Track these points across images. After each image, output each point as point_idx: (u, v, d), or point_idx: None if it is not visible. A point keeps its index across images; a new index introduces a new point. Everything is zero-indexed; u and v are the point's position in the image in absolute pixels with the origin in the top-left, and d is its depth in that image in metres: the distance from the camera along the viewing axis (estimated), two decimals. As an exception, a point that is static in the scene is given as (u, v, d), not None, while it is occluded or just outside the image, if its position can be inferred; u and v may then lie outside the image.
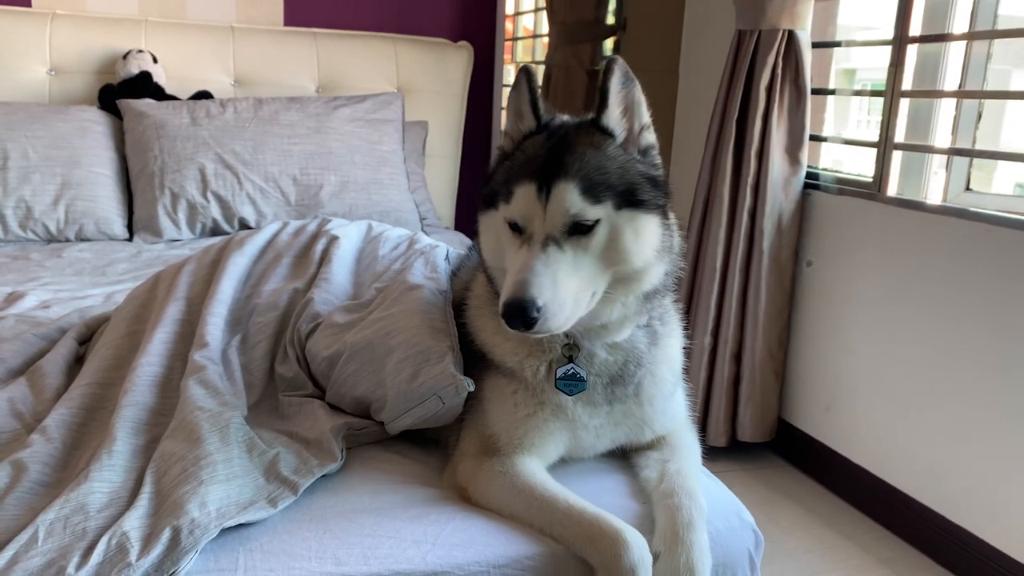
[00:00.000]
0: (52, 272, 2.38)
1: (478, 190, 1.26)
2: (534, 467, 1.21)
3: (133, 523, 1.01)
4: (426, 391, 1.23)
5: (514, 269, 1.11)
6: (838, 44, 2.61)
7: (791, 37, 2.43)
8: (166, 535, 0.99)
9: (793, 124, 2.49)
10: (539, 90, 1.24)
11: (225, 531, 1.04)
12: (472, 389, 1.23)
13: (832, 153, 2.77)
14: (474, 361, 1.28)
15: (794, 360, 2.64)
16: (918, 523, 2.18)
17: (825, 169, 2.62)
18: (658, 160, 1.23)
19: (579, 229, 1.12)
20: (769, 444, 2.70)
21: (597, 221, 1.12)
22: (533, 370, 1.24)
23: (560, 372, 1.22)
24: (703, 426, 2.65)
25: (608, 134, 1.19)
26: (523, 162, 1.17)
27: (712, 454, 2.45)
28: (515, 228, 1.15)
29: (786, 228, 2.53)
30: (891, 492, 2.26)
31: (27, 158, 2.74)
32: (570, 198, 1.11)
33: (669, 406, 1.35)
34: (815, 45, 2.49)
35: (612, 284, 1.16)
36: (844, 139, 2.59)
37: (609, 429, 1.29)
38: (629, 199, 1.15)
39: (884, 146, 2.31)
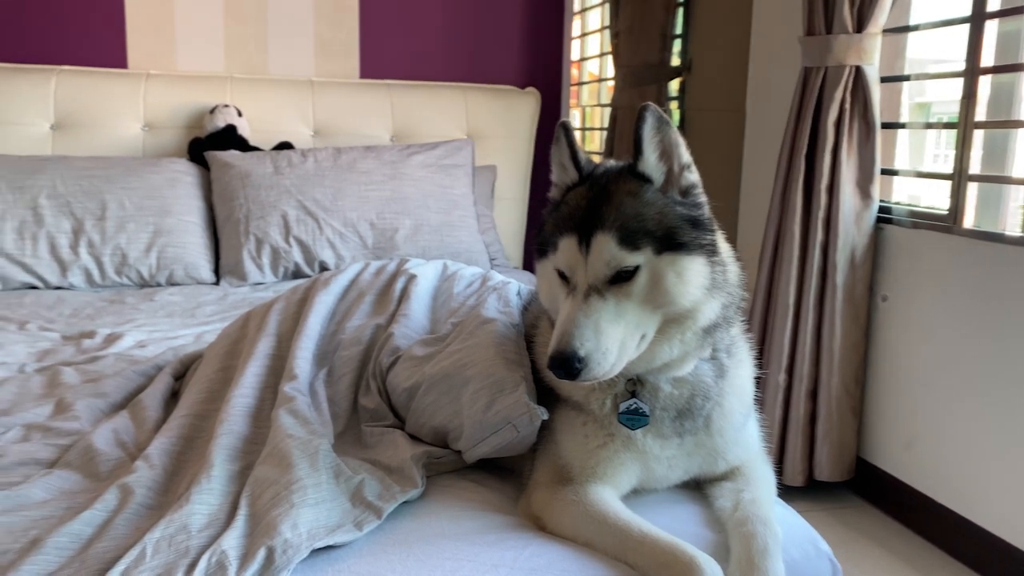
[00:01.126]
0: (146, 314, 2.51)
1: (535, 238, 1.31)
2: (607, 496, 1.23)
3: (231, 542, 1.07)
4: (501, 420, 1.27)
5: (560, 320, 1.15)
6: (907, 78, 2.60)
7: (858, 73, 2.44)
8: (261, 554, 1.05)
9: (863, 158, 2.48)
10: (577, 143, 1.28)
11: (314, 552, 1.09)
12: (546, 417, 1.27)
13: (907, 188, 2.74)
14: (545, 392, 1.32)
15: (872, 397, 2.59)
16: (1008, 566, 2.10)
17: (898, 203, 2.59)
18: (701, 199, 1.24)
19: (620, 277, 1.15)
20: (848, 483, 2.64)
21: (637, 268, 1.15)
22: (599, 404, 1.26)
23: (623, 407, 1.25)
24: (779, 465, 2.61)
25: (646, 179, 1.21)
26: (566, 215, 1.22)
27: (789, 494, 2.41)
28: (563, 276, 1.20)
29: (859, 263, 2.51)
30: (978, 533, 2.19)
31: (123, 208, 2.91)
32: (608, 249, 1.15)
33: (742, 436, 1.35)
34: (884, 80, 2.49)
35: (665, 324, 1.18)
36: (917, 172, 2.57)
37: (682, 460, 1.30)
38: (669, 243, 1.16)
39: (959, 178, 2.29)
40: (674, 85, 3.59)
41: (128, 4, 3.41)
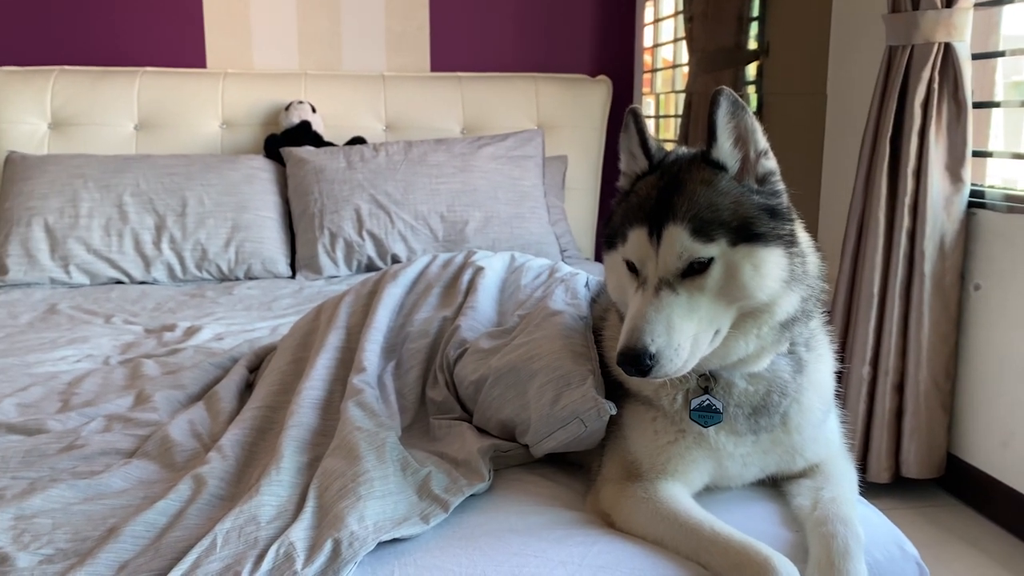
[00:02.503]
0: (224, 308, 2.57)
1: (604, 228, 1.28)
2: (678, 493, 1.20)
3: (299, 534, 1.08)
4: (568, 414, 1.24)
5: (629, 315, 1.11)
6: (1001, 54, 2.46)
7: (948, 50, 2.32)
8: (328, 546, 1.05)
9: (953, 140, 2.36)
10: (647, 130, 1.24)
11: (381, 545, 1.09)
12: (614, 412, 1.23)
13: (1002, 171, 2.60)
14: (613, 388, 1.29)
15: (963, 391, 2.47)
16: (1116, 570, 1.97)
17: (992, 186, 2.46)
18: (779, 187, 1.18)
19: (693, 269, 1.10)
20: (938, 481, 2.53)
21: (711, 260, 1.10)
22: (670, 399, 1.22)
23: (695, 404, 1.20)
24: (863, 461, 2.51)
25: (720, 167, 1.16)
26: (636, 205, 1.17)
27: (874, 491, 2.32)
28: (632, 268, 1.15)
29: (949, 250, 2.38)
30: (1082, 535, 2.06)
31: (203, 204, 2.99)
32: (680, 241, 1.10)
33: (821, 433, 1.29)
34: (975, 56, 2.36)
35: (741, 318, 1.13)
36: (1014, 153, 2.43)
37: (758, 457, 1.25)
38: (745, 234, 1.11)
39: (1059, 159, 2.15)
40: (751, 69, 3.49)
41: (206, 5, 3.50)
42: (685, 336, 1.09)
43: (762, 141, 1.17)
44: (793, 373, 1.22)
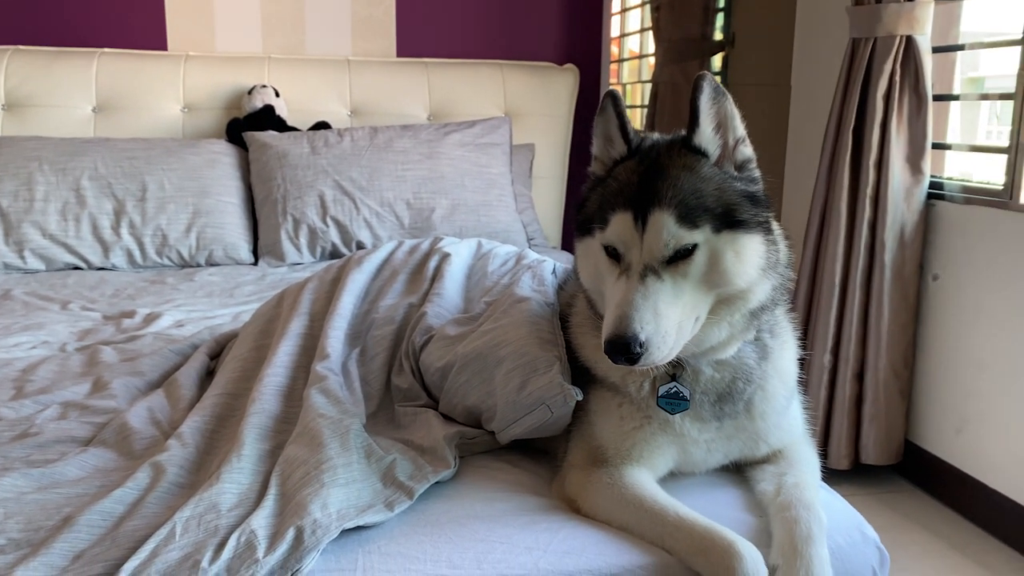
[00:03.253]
0: (185, 294, 2.53)
1: (575, 216, 1.26)
2: (643, 478, 1.20)
3: (260, 522, 1.06)
4: (534, 401, 1.24)
5: (614, 302, 1.09)
6: (961, 47, 2.50)
7: (909, 42, 2.35)
8: (290, 534, 1.04)
9: (914, 132, 2.39)
10: (626, 113, 1.22)
11: (344, 532, 1.08)
12: (580, 398, 1.23)
13: (960, 164, 2.64)
14: (579, 374, 1.29)
15: (921, 379, 2.51)
16: (1065, 553, 2.03)
17: (950, 178, 2.50)
18: (756, 174, 1.19)
19: (678, 256, 1.10)
20: (895, 467, 2.57)
21: (695, 246, 1.10)
22: (636, 386, 1.23)
23: (662, 391, 1.20)
24: (824, 448, 2.55)
25: (701, 153, 1.16)
26: (617, 189, 1.16)
27: (834, 477, 2.35)
28: (612, 254, 1.14)
29: (909, 240, 2.42)
30: (1033, 519, 2.12)
31: (163, 189, 2.93)
32: (667, 227, 1.09)
33: (784, 420, 1.31)
34: (936, 50, 2.39)
35: (715, 306, 1.14)
36: (971, 145, 2.47)
37: (721, 443, 1.26)
38: (728, 220, 1.11)
39: (1015, 151, 2.19)
40: (717, 60, 3.51)
41: (167, -14, 3.42)
42: (671, 323, 1.08)
43: (740, 128, 1.18)
44: (758, 360, 1.23)
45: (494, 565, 1.06)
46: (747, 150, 1.19)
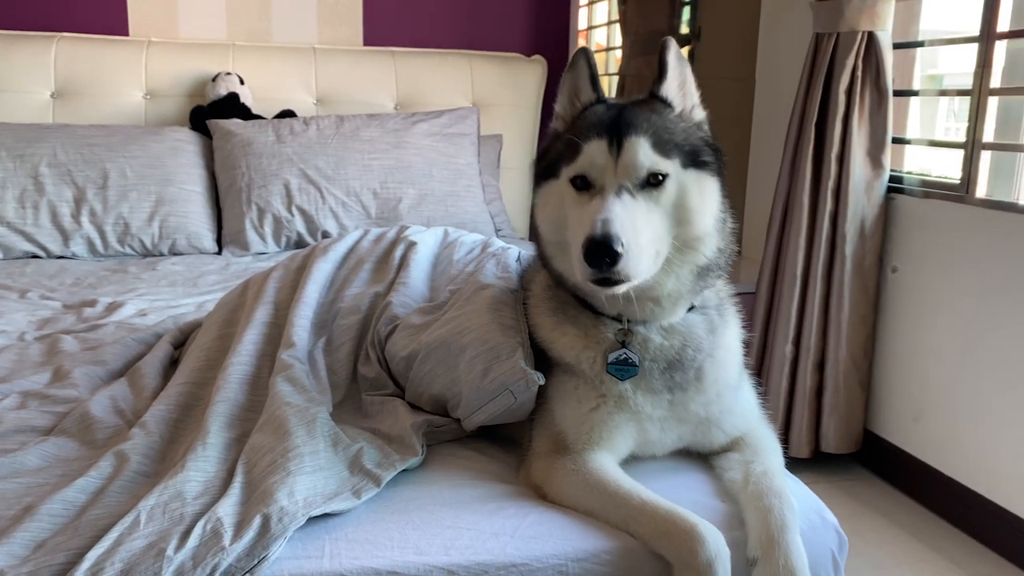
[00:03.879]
0: (148, 284, 2.49)
1: (535, 168, 1.30)
2: (606, 463, 1.21)
3: (226, 510, 1.06)
4: (498, 387, 1.25)
5: (589, 212, 1.10)
6: (921, 44, 2.55)
7: (871, 38, 2.39)
8: (257, 522, 1.03)
9: (875, 127, 2.44)
10: (597, 67, 1.28)
11: (311, 520, 1.08)
12: (542, 383, 1.24)
13: (918, 159, 2.70)
14: (540, 359, 1.29)
15: (880, 369, 2.57)
16: (1015, 536, 2.08)
17: (910, 172, 2.55)
18: (710, 135, 1.26)
19: (650, 182, 1.14)
20: (854, 455, 2.63)
21: (667, 176, 1.15)
22: (590, 362, 1.24)
23: (611, 358, 1.22)
24: (785, 437, 2.59)
25: (667, 104, 1.23)
26: (588, 125, 1.20)
27: (795, 465, 2.38)
28: (581, 186, 1.16)
29: (869, 233, 2.47)
30: (985, 504, 2.17)
31: (125, 177, 2.88)
32: (643, 150, 1.14)
33: (737, 404, 1.32)
34: (897, 46, 2.44)
35: (670, 251, 1.17)
36: (930, 140, 2.52)
37: (674, 424, 1.27)
38: (694, 160, 1.18)
39: (972, 147, 2.24)
40: (683, 53, 3.53)
41: (128, -31, 3.35)
42: (647, 240, 1.11)
43: (696, 94, 1.26)
44: (707, 332, 1.26)
45: (461, 551, 1.07)
46: (702, 113, 1.27)
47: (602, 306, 1.24)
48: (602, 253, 1.06)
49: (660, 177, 1.14)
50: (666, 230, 1.15)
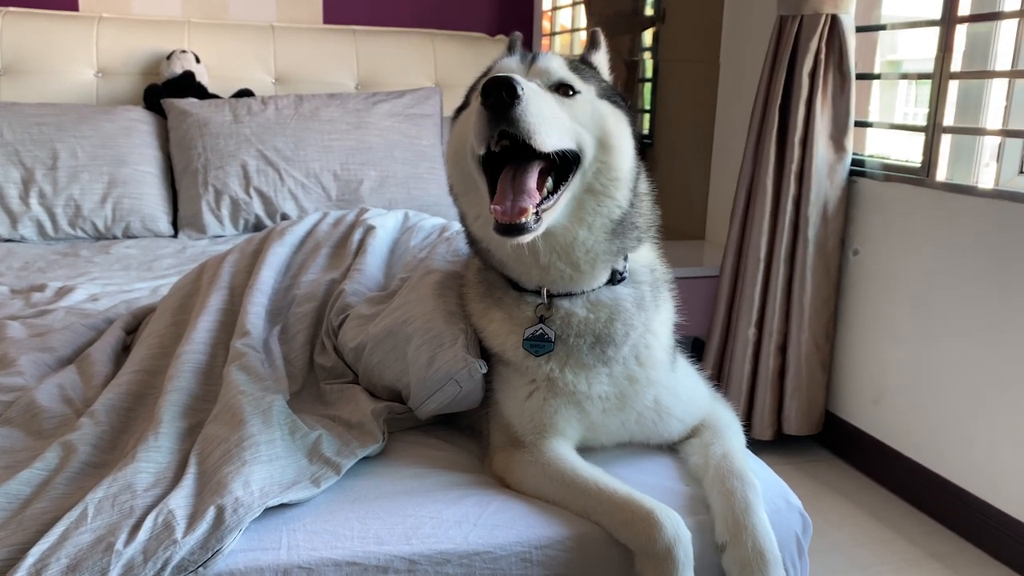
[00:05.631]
0: (100, 268, 2.42)
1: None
2: (562, 451, 1.19)
3: (179, 502, 1.02)
4: (443, 376, 1.21)
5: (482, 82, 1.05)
6: (883, 27, 2.56)
7: (834, 21, 2.39)
8: (211, 513, 1.00)
9: (837, 110, 2.44)
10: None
11: (268, 511, 1.04)
12: (485, 371, 1.21)
13: (879, 142, 2.71)
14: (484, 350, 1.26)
15: (841, 351, 2.59)
16: (971, 516, 2.12)
17: (871, 156, 2.56)
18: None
19: (561, 90, 1.13)
20: (816, 437, 2.65)
21: (579, 93, 1.14)
22: (514, 349, 1.20)
23: (527, 333, 1.19)
24: (748, 419, 2.61)
25: (593, 68, 1.25)
26: (502, 56, 1.20)
27: (757, 447, 2.41)
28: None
29: (832, 216, 2.48)
30: (942, 484, 2.21)
31: (76, 158, 2.79)
32: (556, 63, 1.15)
33: (681, 387, 1.28)
34: (859, 29, 2.44)
35: (584, 195, 1.13)
36: (891, 124, 2.54)
37: (616, 406, 1.21)
38: (611, 98, 1.18)
39: (932, 130, 2.26)
40: (647, 35, 3.52)
41: (77, -58, 3.24)
42: (552, 115, 1.05)
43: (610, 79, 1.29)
44: (636, 308, 1.21)
45: (423, 540, 1.05)
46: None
47: (520, 275, 1.19)
48: (499, 86, 0.99)
49: (572, 91, 1.12)
50: (576, 135, 1.10)
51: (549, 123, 1.04)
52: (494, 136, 1.03)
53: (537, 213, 1.05)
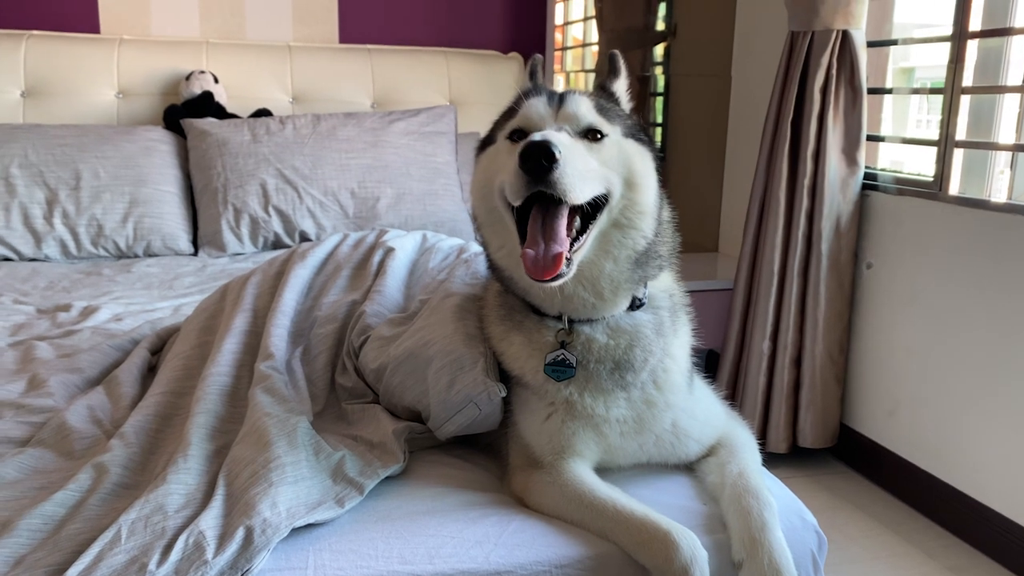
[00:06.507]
0: (123, 287, 2.47)
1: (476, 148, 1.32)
2: (579, 471, 1.20)
3: (209, 523, 1.05)
4: (463, 399, 1.23)
5: (521, 147, 1.06)
6: (894, 42, 2.57)
7: (845, 37, 2.41)
8: (240, 534, 1.03)
9: (849, 124, 2.46)
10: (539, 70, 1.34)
11: (295, 531, 1.07)
12: (504, 394, 1.23)
13: (891, 154, 2.73)
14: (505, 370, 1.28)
15: (855, 364, 2.60)
16: (988, 529, 2.12)
17: (884, 169, 2.58)
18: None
19: (590, 135, 1.15)
20: (831, 450, 2.66)
21: (606, 136, 1.16)
22: (533, 372, 1.22)
23: (549, 359, 1.20)
24: (763, 433, 2.62)
25: (614, 97, 1.27)
26: (528, 93, 1.22)
27: (773, 461, 2.42)
28: (518, 139, 1.16)
29: (845, 230, 2.49)
30: (959, 497, 2.21)
31: (98, 178, 2.85)
32: (584, 107, 1.16)
33: (698, 408, 1.30)
34: (871, 44, 2.46)
35: (609, 229, 1.15)
36: (903, 138, 2.55)
37: (634, 430, 1.23)
38: (636, 135, 1.20)
39: (945, 144, 2.27)
40: (659, 50, 3.55)
41: (98, -34, 3.31)
42: (585, 168, 1.08)
43: (629, 105, 1.31)
44: (655, 332, 1.23)
45: (446, 560, 1.07)
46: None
47: (543, 303, 1.21)
48: (538, 152, 1.03)
49: (599, 135, 1.15)
50: (606, 180, 1.13)
51: (583, 177, 1.08)
52: (530, 193, 1.07)
53: (568, 258, 1.08)
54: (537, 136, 1.06)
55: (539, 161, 1.03)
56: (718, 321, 2.86)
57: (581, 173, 1.07)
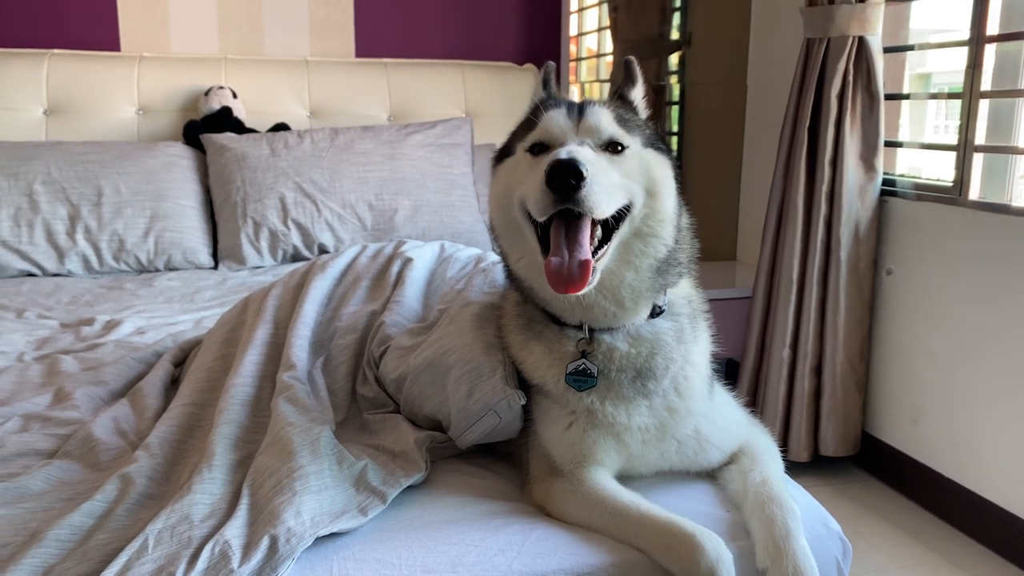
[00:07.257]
0: (145, 300, 2.49)
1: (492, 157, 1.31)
2: (601, 479, 1.20)
3: (234, 532, 1.06)
4: (483, 407, 1.23)
5: (545, 162, 1.07)
6: (911, 48, 2.57)
7: (861, 43, 2.41)
8: (265, 543, 1.03)
9: (867, 130, 2.45)
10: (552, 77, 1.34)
11: (319, 540, 1.08)
12: (524, 402, 1.23)
13: (909, 160, 2.72)
14: (524, 378, 1.28)
15: (877, 372, 2.58)
16: (1014, 537, 2.10)
17: (902, 175, 2.57)
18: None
19: (611, 148, 1.15)
20: (853, 458, 2.64)
21: (627, 148, 1.16)
22: (555, 381, 1.22)
23: (570, 368, 1.20)
24: (784, 441, 2.61)
25: (632, 105, 1.28)
26: (547, 104, 1.21)
27: (794, 469, 2.41)
28: (538, 152, 1.16)
29: (864, 236, 2.48)
30: (984, 505, 2.18)
31: (119, 193, 2.88)
32: (605, 118, 1.16)
33: (720, 416, 1.29)
34: (887, 50, 2.46)
35: (630, 238, 1.16)
36: (922, 143, 2.54)
37: (656, 437, 1.23)
38: (655, 144, 1.21)
39: (964, 149, 2.26)
40: (674, 59, 3.55)
41: (119, -15, 3.36)
42: (610, 183, 1.09)
43: (645, 112, 1.31)
44: (676, 341, 1.23)
45: (469, 568, 1.07)
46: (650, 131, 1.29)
47: (563, 312, 1.22)
48: (565, 171, 1.03)
49: (620, 147, 1.15)
50: (628, 192, 1.13)
51: (608, 193, 1.08)
52: (556, 210, 1.08)
53: (592, 267, 1.09)
54: (563, 154, 1.06)
55: (566, 180, 1.04)
56: (737, 329, 2.85)
57: (606, 189, 1.08)
